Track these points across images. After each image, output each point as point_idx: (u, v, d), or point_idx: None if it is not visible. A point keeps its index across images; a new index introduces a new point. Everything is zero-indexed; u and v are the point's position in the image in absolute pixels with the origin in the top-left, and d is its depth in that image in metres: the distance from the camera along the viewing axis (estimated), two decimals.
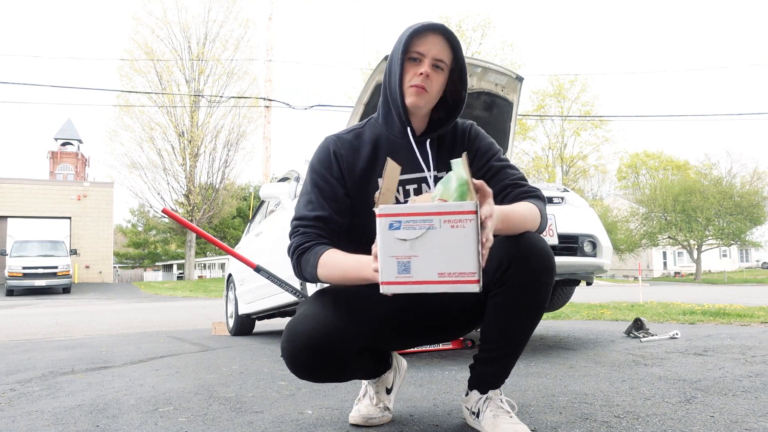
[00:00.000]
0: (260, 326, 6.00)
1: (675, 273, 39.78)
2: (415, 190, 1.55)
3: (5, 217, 24.32)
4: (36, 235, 22.68)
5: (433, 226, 1.10)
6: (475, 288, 1.09)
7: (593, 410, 1.76)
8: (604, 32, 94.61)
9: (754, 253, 49.52)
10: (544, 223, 1.49)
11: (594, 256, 3.38)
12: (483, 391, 1.52)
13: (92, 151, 76.07)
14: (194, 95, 24.72)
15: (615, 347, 3.29)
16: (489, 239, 1.15)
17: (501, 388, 1.54)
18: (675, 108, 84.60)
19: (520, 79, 3.85)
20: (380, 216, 1.13)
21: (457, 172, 1.20)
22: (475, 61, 3.71)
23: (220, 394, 2.25)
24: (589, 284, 3.64)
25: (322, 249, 1.43)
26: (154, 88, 24.88)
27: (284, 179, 4.69)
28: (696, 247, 31.64)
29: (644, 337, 3.62)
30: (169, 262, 50.14)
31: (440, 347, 3.34)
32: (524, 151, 36.77)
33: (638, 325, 3.81)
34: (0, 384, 2.73)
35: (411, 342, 1.65)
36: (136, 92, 24.32)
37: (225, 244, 3.63)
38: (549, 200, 3.43)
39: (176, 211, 24.48)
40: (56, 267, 19.05)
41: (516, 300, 1.39)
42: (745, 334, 3.71)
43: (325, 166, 1.55)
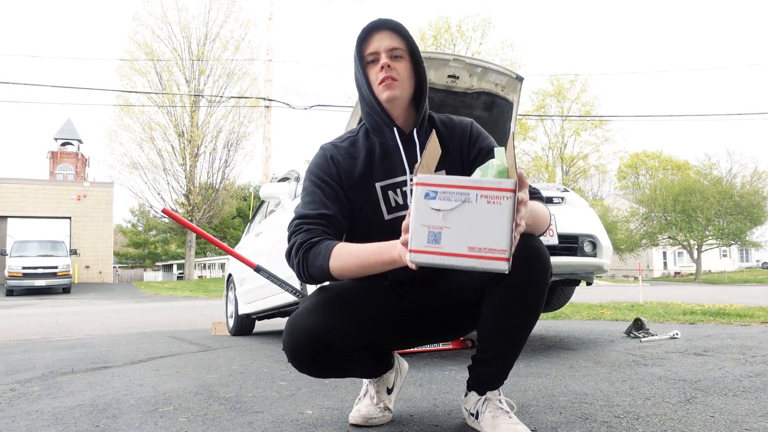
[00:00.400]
0: (260, 326, 6.00)
1: (675, 273, 39.77)
2: (412, 192, 1.55)
3: (5, 217, 24.32)
4: (36, 235, 22.67)
5: (469, 200, 1.10)
6: (504, 266, 1.08)
7: (593, 410, 1.76)
8: (604, 32, 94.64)
9: (754, 253, 49.52)
10: (547, 224, 1.49)
11: (594, 256, 3.38)
12: (481, 393, 1.52)
13: (92, 151, 76.16)
14: (194, 95, 24.72)
15: (615, 347, 3.29)
16: (521, 225, 1.14)
17: (500, 389, 1.54)
18: (675, 108, 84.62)
19: (520, 79, 3.85)
20: (417, 184, 1.13)
21: (499, 159, 1.20)
22: (475, 61, 3.71)
23: (220, 394, 2.25)
24: (589, 284, 3.64)
25: (333, 243, 1.40)
26: (154, 88, 24.89)
27: (284, 179, 4.69)
28: (696, 247, 31.63)
29: (644, 337, 3.62)
30: (169, 262, 50.14)
31: (440, 347, 3.34)
32: (524, 151, 36.76)
33: (638, 325, 3.81)
34: (0, 384, 2.73)
35: (411, 341, 1.65)
36: (136, 92, 24.32)
37: (225, 244, 3.63)
38: (549, 200, 3.43)
39: (176, 211, 24.48)
40: (56, 267, 19.04)
41: (512, 300, 1.39)
42: (745, 334, 3.70)
43: (325, 171, 1.55)
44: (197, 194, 25.38)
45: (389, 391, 1.71)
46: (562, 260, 3.24)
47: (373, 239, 1.35)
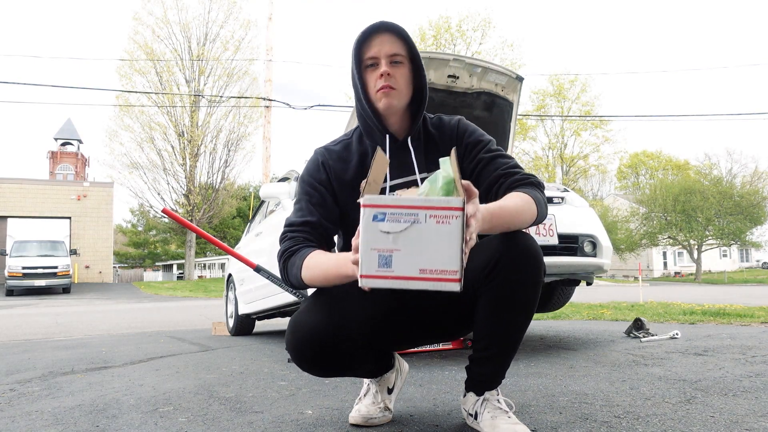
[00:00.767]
0: (260, 326, 6.00)
1: (675, 273, 39.77)
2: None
3: (5, 217, 24.32)
4: (36, 235, 22.68)
5: (419, 221, 1.07)
6: (456, 287, 1.06)
7: (593, 410, 1.76)
8: (604, 32, 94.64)
9: (754, 253, 49.52)
10: (543, 210, 1.44)
11: (594, 256, 3.39)
12: (479, 393, 1.52)
13: (92, 151, 76.22)
14: (194, 95, 24.72)
15: (615, 347, 3.29)
16: (472, 239, 1.13)
17: (498, 389, 1.53)
18: (675, 108, 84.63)
19: (520, 79, 3.85)
20: (365, 206, 1.09)
21: (445, 170, 1.18)
22: (475, 61, 3.71)
23: (220, 394, 2.25)
24: (589, 284, 3.64)
25: (307, 251, 1.43)
26: (154, 88, 24.90)
27: (284, 179, 4.69)
28: (696, 247, 31.63)
29: (644, 337, 3.62)
30: (169, 262, 50.14)
31: (440, 347, 3.34)
32: (524, 151, 36.79)
33: (638, 325, 3.81)
34: (0, 384, 2.73)
35: (410, 341, 1.65)
36: (136, 92, 24.33)
37: (225, 244, 3.63)
38: (549, 200, 3.43)
39: (176, 211, 24.48)
40: (56, 267, 19.05)
41: (504, 300, 1.38)
42: (745, 334, 3.70)
43: (315, 177, 1.58)
44: (197, 194, 25.38)
45: (390, 391, 1.71)
46: (562, 260, 3.24)
47: None
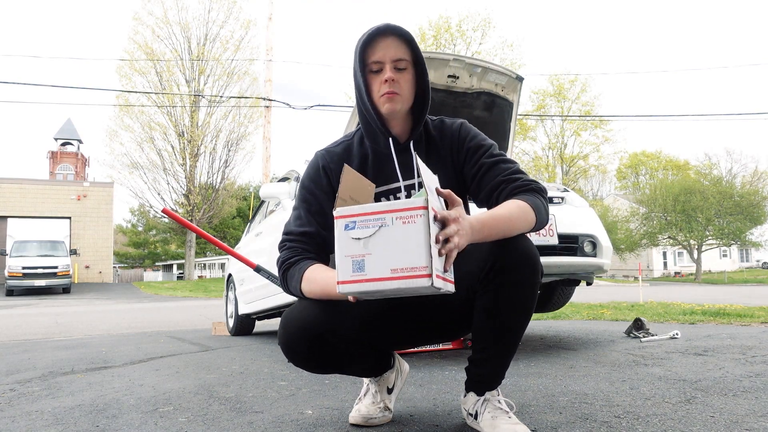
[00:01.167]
0: (260, 326, 6.00)
1: (675, 273, 39.77)
2: (406, 198, 1.56)
3: (5, 217, 24.32)
4: (36, 235, 22.68)
5: (386, 224, 1.13)
6: (426, 282, 1.09)
7: (593, 410, 1.76)
8: (604, 32, 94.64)
9: (754, 253, 49.50)
10: (543, 217, 1.44)
11: (594, 256, 3.38)
12: (479, 393, 1.52)
13: (92, 151, 76.22)
14: (194, 95, 24.73)
15: (615, 347, 3.29)
16: (454, 243, 1.15)
17: (498, 389, 1.54)
18: (675, 108, 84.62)
19: (520, 79, 3.85)
20: (337, 218, 1.16)
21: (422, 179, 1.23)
22: (475, 61, 3.71)
23: (220, 394, 2.25)
24: (589, 284, 3.64)
25: (307, 264, 1.46)
26: (154, 88, 24.91)
27: (284, 179, 4.69)
28: (696, 247, 31.63)
29: (644, 337, 3.62)
30: (169, 262, 50.15)
31: (440, 347, 3.34)
32: (524, 151, 36.79)
33: (638, 325, 3.81)
34: (0, 384, 2.73)
35: (407, 340, 1.64)
36: (136, 92, 24.34)
37: (225, 244, 3.63)
38: (549, 200, 3.43)
39: (176, 211, 24.49)
40: (56, 267, 19.05)
41: (501, 301, 1.38)
42: (745, 334, 3.70)
43: (315, 182, 1.59)
44: (197, 194, 25.38)
45: (389, 391, 1.71)
46: (562, 260, 3.24)
47: None
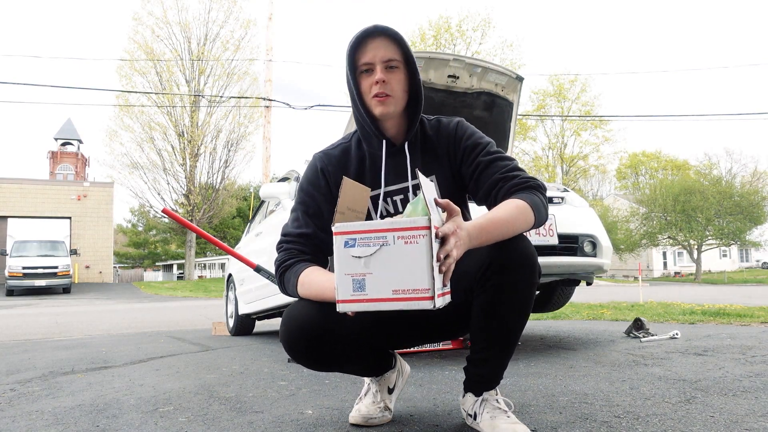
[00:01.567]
0: (260, 326, 6.00)
1: (675, 273, 39.76)
2: (402, 201, 1.56)
3: (5, 217, 24.31)
4: (36, 235, 22.67)
5: (387, 243, 1.11)
6: (428, 305, 1.09)
7: (593, 410, 1.76)
8: (604, 32, 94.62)
9: (754, 253, 49.50)
10: (542, 215, 1.43)
11: (594, 256, 3.38)
12: (478, 393, 1.52)
13: (92, 151, 76.14)
14: (194, 95, 24.72)
15: (615, 347, 3.29)
16: (452, 256, 1.15)
17: (498, 389, 1.54)
18: (675, 108, 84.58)
19: (520, 79, 3.85)
20: (336, 234, 1.14)
21: (427, 192, 1.20)
22: (475, 61, 3.71)
23: (220, 394, 2.25)
24: (589, 284, 3.64)
25: (303, 267, 1.47)
26: (154, 88, 24.90)
27: (284, 179, 4.69)
28: (696, 247, 31.63)
29: (644, 337, 3.62)
30: (169, 262, 50.14)
31: (440, 347, 3.34)
32: (524, 151, 36.79)
33: (638, 325, 3.81)
34: (0, 384, 2.73)
35: (406, 340, 1.64)
36: (136, 92, 24.33)
37: (225, 244, 3.63)
38: (549, 200, 3.43)
39: (176, 211, 24.49)
40: (56, 267, 19.05)
41: (498, 301, 1.38)
42: (745, 334, 3.70)
43: (313, 184, 1.59)
44: (197, 194, 25.38)
45: (390, 391, 1.71)
46: (562, 260, 3.24)
47: None
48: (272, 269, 3.46)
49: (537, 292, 4.17)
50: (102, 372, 3.05)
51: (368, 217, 1.54)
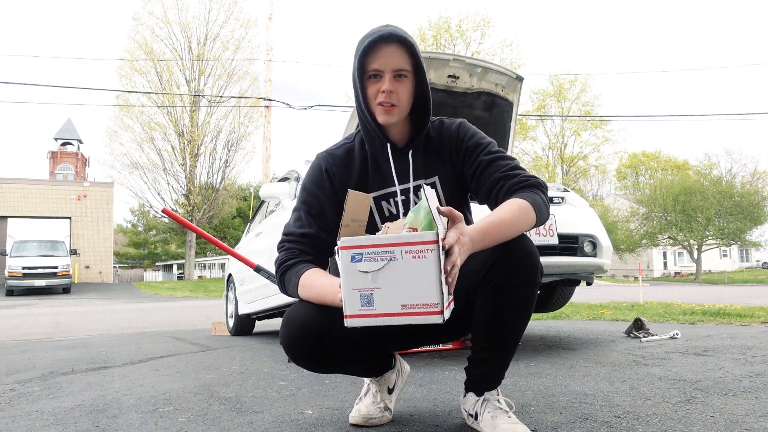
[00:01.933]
0: (260, 326, 6.00)
1: (675, 273, 39.75)
2: (404, 202, 1.56)
3: (5, 217, 24.31)
4: (36, 235, 22.67)
5: (395, 258, 1.09)
6: (438, 319, 1.08)
7: (593, 410, 1.76)
8: (604, 32, 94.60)
9: (754, 253, 49.50)
10: (544, 214, 1.43)
11: (594, 256, 3.38)
12: (479, 393, 1.52)
13: (92, 151, 76.21)
14: (194, 95, 24.72)
15: (615, 347, 3.29)
16: (456, 265, 1.14)
17: (498, 389, 1.54)
18: (675, 108, 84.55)
19: (520, 79, 3.85)
20: (342, 248, 1.12)
21: (429, 199, 1.19)
22: (475, 61, 3.71)
23: (220, 394, 2.25)
24: (589, 284, 3.64)
25: (304, 268, 1.45)
26: (154, 88, 24.90)
27: (284, 179, 4.69)
28: (696, 247, 31.63)
29: (644, 337, 3.62)
30: (169, 262, 50.14)
31: (440, 347, 3.34)
32: (524, 151, 36.79)
33: (638, 325, 3.81)
34: (0, 384, 2.73)
35: (407, 341, 1.64)
36: (136, 92, 24.33)
37: (225, 244, 3.63)
38: (549, 200, 3.43)
39: (176, 211, 24.49)
40: (56, 267, 19.05)
41: (500, 301, 1.38)
42: (746, 334, 3.70)
43: (317, 184, 1.58)
44: (197, 194, 25.39)
45: (390, 391, 1.71)
46: (562, 260, 3.24)
47: None
48: (272, 269, 3.47)
49: (537, 292, 4.16)
50: (102, 372, 3.05)
51: (370, 219, 1.54)
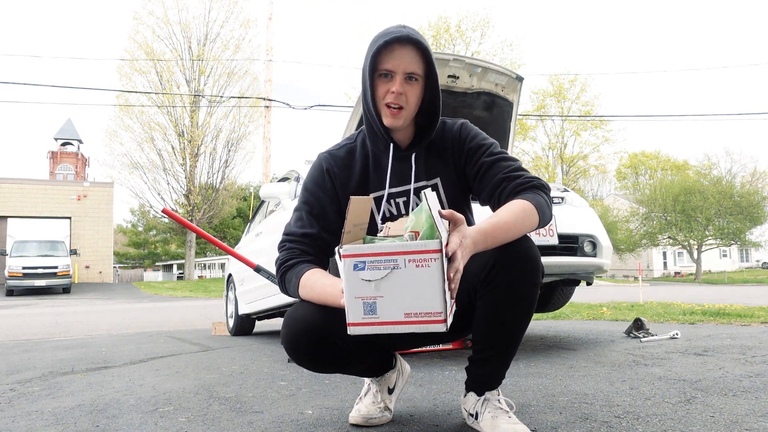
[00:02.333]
0: (260, 326, 6.00)
1: (675, 273, 39.75)
2: (404, 203, 1.56)
3: (5, 217, 24.31)
4: (36, 235, 22.67)
5: (398, 266, 1.09)
6: (442, 328, 1.08)
7: (593, 410, 1.76)
8: (604, 32, 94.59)
9: (754, 253, 49.49)
10: (547, 215, 1.42)
11: (594, 256, 3.38)
12: (480, 393, 1.52)
13: (92, 151, 76.21)
14: (194, 95, 24.73)
15: (615, 347, 3.29)
16: (459, 270, 1.14)
17: (499, 389, 1.54)
18: (675, 108, 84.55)
19: (520, 79, 3.85)
20: (344, 257, 1.11)
21: (430, 202, 1.17)
22: (475, 61, 3.71)
23: (220, 394, 2.25)
24: (589, 284, 3.64)
25: (305, 268, 1.45)
26: (155, 88, 24.90)
27: (284, 179, 4.69)
28: (696, 247, 31.63)
29: (644, 337, 3.62)
30: (169, 262, 50.14)
31: (440, 347, 3.34)
32: (524, 151, 36.78)
33: (638, 325, 3.81)
34: (0, 384, 2.73)
35: (407, 341, 1.64)
36: (136, 92, 24.33)
37: (225, 244, 3.63)
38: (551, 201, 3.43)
39: (176, 211, 24.49)
40: (56, 267, 19.05)
41: (502, 301, 1.38)
42: (745, 334, 3.70)
43: (318, 184, 1.57)
44: (197, 194, 25.39)
45: (390, 392, 1.71)
46: (562, 260, 3.24)
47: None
48: (272, 269, 3.47)
49: None
50: (102, 372, 3.05)
51: (370, 219, 1.53)
